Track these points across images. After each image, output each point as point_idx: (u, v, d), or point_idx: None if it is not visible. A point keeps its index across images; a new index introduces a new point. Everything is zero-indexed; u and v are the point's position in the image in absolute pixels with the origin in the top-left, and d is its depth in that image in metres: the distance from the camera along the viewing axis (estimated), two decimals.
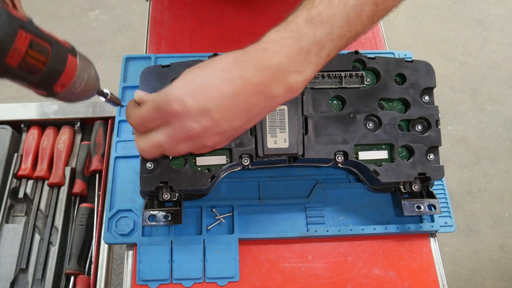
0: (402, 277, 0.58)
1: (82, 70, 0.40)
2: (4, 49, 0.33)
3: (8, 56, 0.34)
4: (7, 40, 0.33)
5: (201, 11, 0.78)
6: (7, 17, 0.33)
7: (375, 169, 0.57)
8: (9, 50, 0.33)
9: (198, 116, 0.43)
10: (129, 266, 0.58)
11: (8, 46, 0.33)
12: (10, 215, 0.73)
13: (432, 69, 0.60)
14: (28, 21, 0.36)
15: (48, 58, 0.37)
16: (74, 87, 0.40)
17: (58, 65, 0.38)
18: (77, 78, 0.40)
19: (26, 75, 0.36)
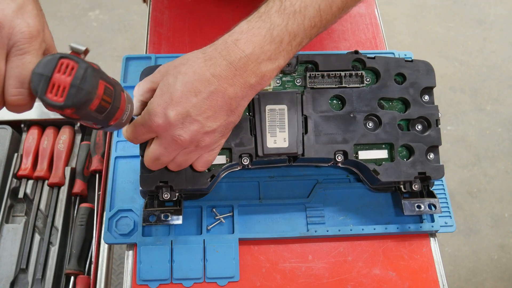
0: (402, 277, 0.58)
1: (128, 103, 0.44)
2: (89, 98, 0.37)
3: (91, 104, 0.38)
4: (91, 90, 0.37)
5: (201, 11, 0.78)
6: (90, 69, 0.37)
7: (375, 168, 0.57)
8: (93, 99, 0.38)
9: (183, 124, 0.45)
10: (129, 266, 0.58)
11: (92, 95, 0.37)
12: (10, 215, 0.73)
13: (432, 69, 0.60)
14: (101, 70, 0.40)
15: (113, 98, 0.41)
16: (122, 119, 0.44)
17: (117, 103, 0.42)
18: (126, 111, 0.44)
19: (97, 116, 0.40)
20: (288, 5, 0.46)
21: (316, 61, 0.58)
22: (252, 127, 0.55)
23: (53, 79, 0.36)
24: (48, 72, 0.36)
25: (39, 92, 0.36)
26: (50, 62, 0.37)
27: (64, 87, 0.36)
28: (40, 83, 0.36)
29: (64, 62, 0.37)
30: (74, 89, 0.36)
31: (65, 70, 0.36)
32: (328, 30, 0.77)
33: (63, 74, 0.36)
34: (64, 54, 0.37)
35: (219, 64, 0.45)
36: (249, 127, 0.55)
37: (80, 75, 0.36)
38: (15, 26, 0.37)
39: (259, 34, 0.45)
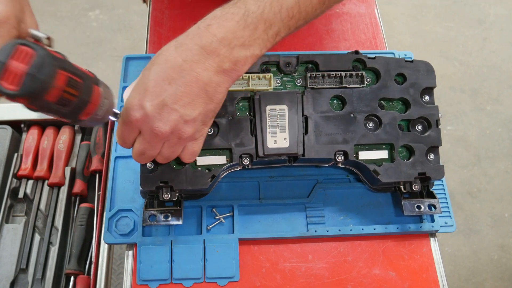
0: (402, 277, 0.58)
1: (104, 98, 0.43)
2: (44, 88, 0.35)
3: (47, 94, 0.36)
4: (47, 80, 0.35)
5: (201, 11, 0.77)
6: (48, 58, 0.35)
7: (375, 169, 0.57)
8: (49, 88, 0.36)
9: (160, 114, 0.44)
10: (129, 266, 0.58)
11: (48, 85, 0.36)
12: (10, 215, 0.73)
13: (432, 69, 0.60)
14: (65, 59, 0.38)
15: (80, 91, 0.39)
16: (96, 114, 0.42)
17: (86, 96, 0.40)
18: (100, 105, 0.42)
19: (60, 108, 0.38)
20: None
21: (317, 61, 0.58)
22: (252, 127, 0.55)
23: (8, 65, 0.34)
24: (3, 59, 0.35)
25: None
26: (6, 48, 0.35)
27: (19, 75, 0.34)
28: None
29: (22, 49, 0.35)
30: (29, 78, 0.34)
31: (22, 57, 0.35)
32: (328, 30, 0.77)
33: (19, 62, 0.35)
34: (23, 41, 0.36)
35: (190, 49, 0.44)
36: (250, 127, 0.55)
37: (37, 64, 0.35)
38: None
39: (232, 19, 0.44)
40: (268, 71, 0.59)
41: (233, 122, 0.56)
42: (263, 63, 0.59)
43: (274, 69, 0.60)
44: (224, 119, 0.56)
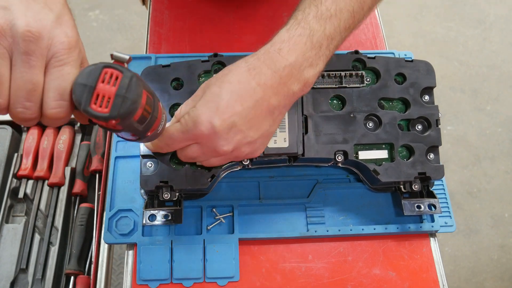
0: (402, 277, 0.58)
1: (163, 114, 0.44)
2: (134, 108, 0.36)
3: (136, 113, 0.36)
4: (137, 99, 0.36)
5: (201, 11, 0.78)
6: (134, 78, 0.36)
7: (375, 168, 0.57)
8: (137, 108, 0.36)
9: (227, 134, 0.46)
10: (129, 266, 0.58)
11: (137, 105, 0.36)
12: (10, 215, 0.73)
13: (432, 69, 0.60)
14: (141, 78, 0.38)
15: (153, 108, 0.40)
16: (158, 129, 0.43)
17: (156, 113, 0.41)
18: (161, 121, 0.43)
19: (138, 126, 0.39)
20: (324, 10, 0.47)
21: None
22: None
23: (97, 89, 0.35)
24: (92, 82, 0.35)
25: (83, 103, 0.35)
26: (93, 72, 0.35)
27: (109, 97, 0.35)
28: (84, 94, 0.35)
29: (108, 71, 0.35)
30: (120, 99, 0.35)
31: (109, 80, 0.35)
32: None
33: (107, 84, 0.35)
34: (107, 63, 0.36)
35: (264, 73, 0.45)
36: None
37: (125, 85, 0.35)
38: (54, 37, 0.36)
39: (300, 41, 0.46)
40: None
41: None
42: None
43: None
44: None
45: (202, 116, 0.45)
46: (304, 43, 0.46)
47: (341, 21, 0.47)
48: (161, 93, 0.56)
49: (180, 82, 0.58)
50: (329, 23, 0.47)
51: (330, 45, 0.47)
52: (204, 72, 0.58)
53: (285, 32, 0.47)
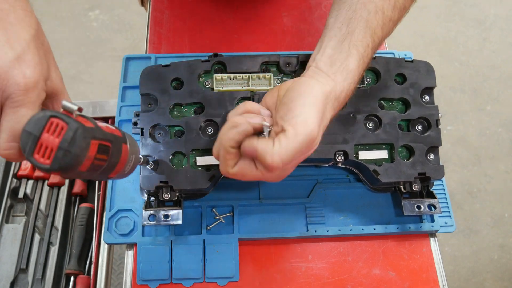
0: (402, 277, 0.58)
1: (131, 154, 0.43)
2: (77, 161, 0.35)
3: (80, 166, 0.36)
4: (80, 153, 0.35)
5: (201, 11, 0.78)
6: (80, 130, 0.35)
7: (375, 169, 0.57)
8: (81, 161, 0.35)
9: (292, 167, 0.47)
10: (129, 266, 0.58)
11: (80, 158, 0.35)
12: (10, 215, 0.73)
13: (432, 69, 0.60)
14: (95, 127, 0.37)
15: (109, 155, 0.39)
16: (124, 171, 0.43)
17: (116, 158, 0.40)
18: (128, 162, 0.42)
19: (91, 174, 0.38)
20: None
21: None
22: None
23: (41, 139, 0.34)
24: (37, 132, 0.34)
25: (26, 152, 0.34)
26: (39, 121, 0.34)
27: (51, 148, 0.34)
28: (28, 143, 0.34)
29: (54, 121, 0.34)
30: (61, 152, 0.34)
31: (54, 130, 0.34)
32: None
33: (52, 135, 0.34)
34: (55, 112, 0.35)
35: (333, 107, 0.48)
36: None
37: (69, 137, 0.34)
38: (10, 78, 0.35)
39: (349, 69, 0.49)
40: (268, 71, 0.59)
41: None
42: (263, 63, 0.59)
43: (274, 69, 0.60)
44: (224, 119, 0.56)
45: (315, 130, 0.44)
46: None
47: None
48: (161, 93, 0.56)
49: (180, 82, 0.58)
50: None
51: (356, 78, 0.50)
52: (204, 72, 0.58)
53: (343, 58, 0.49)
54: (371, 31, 0.49)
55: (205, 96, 0.57)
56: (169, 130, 0.57)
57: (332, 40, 0.49)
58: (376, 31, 0.50)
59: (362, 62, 0.49)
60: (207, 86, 0.58)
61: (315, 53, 0.50)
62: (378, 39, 0.51)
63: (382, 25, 0.50)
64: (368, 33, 0.49)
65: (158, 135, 0.56)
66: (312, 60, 0.50)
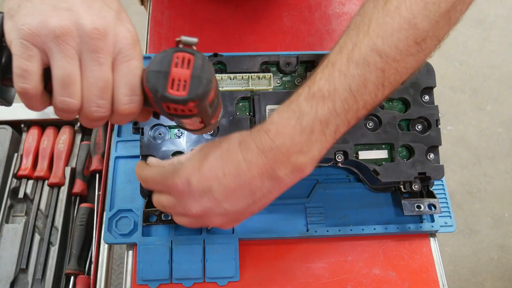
0: (402, 277, 0.58)
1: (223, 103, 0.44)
2: (210, 87, 0.36)
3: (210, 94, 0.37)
4: (211, 79, 0.36)
5: (201, 11, 0.78)
6: (205, 59, 0.36)
7: (375, 168, 0.57)
8: (212, 88, 0.36)
9: (200, 196, 0.44)
10: (129, 266, 0.58)
11: (211, 84, 0.36)
12: (10, 215, 0.73)
13: (432, 69, 0.60)
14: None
15: (218, 91, 0.39)
16: (219, 117, 0.43)
17: (219, 97, 0.40)
18: (221, 107, 0.43)
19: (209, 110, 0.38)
20: (317, 90, 0.43)
21: (316, 61, 0.58)
22: (252, 127, 0.55)
23: (172, 73, 0.35)
24: (166, 68, 0.35)
25: (160, 89, 0.35)
26: (165, 58, 0.35)
27: (184, 80, 0.35)
28: (159, 80, 0.35)
29: (180, 55, 0.36)
30: (197, 80, 0.35)
31: (182, 63, 0.35)
32: (328, 30, 0.77)
33: (181, 68, 0.35)
34: (176, 48, 0.36)
35: (251, 150, 0.43)
36: (250, 127, 0.55)
37: (200, 66, 0.35)
38: (118, 33, 0.36)
39: (289, 124, 0.42)
40: (268, 71, 0.60)
41: (233, 122, 0.56)
42: (263, 63, 0.59)
43: (274, 69, 0.60)
44: (224, 119, 0.56)
45: (183, 170, 0.44)
46: (293, 127, 0.42)
47: (336, 102, 0.42)
48: None
49: None
50: (321, 105, 0.42)
51: (325, 130, 0.43)
52: None
53: (276, 114, 0.44)
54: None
55: None
56: (169, 130, 0.57)
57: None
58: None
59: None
60: None
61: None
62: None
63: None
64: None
65: (158, 135, 0.56)
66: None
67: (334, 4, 0.80)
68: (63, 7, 0.35)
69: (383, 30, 0.42)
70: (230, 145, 0.44)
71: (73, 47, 0.34)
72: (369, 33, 0.43)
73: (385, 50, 0.42)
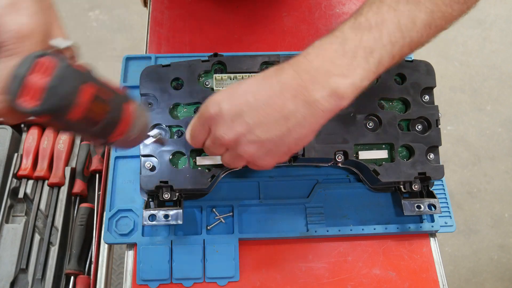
0: (402, 277, 0.58)
1: (137, 118, 0.40)
2: (68, 102, 0.32)
3: (72, 110, 0.33)
4: (70, 93, 0.32)
5: (201, 11, 0.78)
6: (70, 70, 0.32)
7: (375, 168, 0.56)
8: (71, 106, 0.33)
9: (232, 121, 0.43)
10: (129, 266, 0.58)
11: (70, 102, 0.32)
12: (10, 215, 0.73)
13: (432, 69, 0.60)
14: (90, 72, 0.35)
15: (108, 109, 0.36)
16: (129, 135, 0.40)
17: (116, 114, 0.37)
18: (133, 125, 0.39)
19: (87, 127, 0.35)
20: (363, 20, 0.42)
21: None
22: None
23: (27, 80, 0.31)
24: (22, 73, 0.31)
25: (11, 95, 0.31)
26: (25, 62, 0.32)
27: (39, 89, 0.31)
28: (13, 85, 0.31)
29: (42, 61, 0.32)
30: (50, 92, 0.31)
31: (42, 70, 0.32)
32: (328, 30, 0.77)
33: (39, 75, 0.31)
34: (43, 52, 0.33)
35: (286, 71, 0.42)
36: None
37: (59, 76, 0.32)
38: (3, 24, 0.33)
39: (330, 48, 0.42)
40: None
41: None
42: (263, 63, 0.59)
43: None
44: None
45: (214, 98, 0.44)
46: (334, 50, 0.41)
47: (383, 33, 0.42)
48: (161, 93, 0.56)
49: (180, 82, 0.58)
50: (367, 33, 0.42)
51: (369, 57, 0.42)
52: (204, 72, 0.58)
53: (317, 41, 0.43)
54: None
55: (205, 96, 0.57)
56: (169, 130, 0.57)
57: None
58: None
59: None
60: (207, 86, 0.58)
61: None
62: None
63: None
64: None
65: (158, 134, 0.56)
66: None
67: (334, 4, 0.80)
68: None
69: None
70: (266, 72, 0.44)
71: None
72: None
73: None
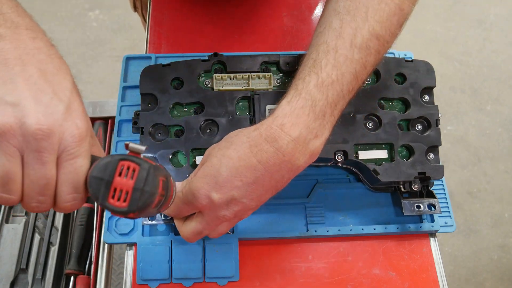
0: (402, 277, 0.58)
1: (174, 186, 0.43)
2: (152, 199, 0.36)
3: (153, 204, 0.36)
4: (156, 191, 0.36)
5: (201, 11, 0.78)
6: (151, 170, 0.35)
7: (375, 168, 0.57)
8: (155, 198, 0.36)
9: (227, 205, 0.45)
10: (129, 266, 0.58)
11: (155, 197, 0.36)
12: (10, 215, 0.73)
13: (432, 69, 0.60)
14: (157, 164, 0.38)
15: (166, 190, 0.39)
16: (169, 205, 0.43)
17: (169, 192, 0.40)
18: (173, 197, 0.42)
19: (155, 211, 0.39)
20: (325, 77, 0.45)
21: None
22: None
23: (114, 183, 0.35)
24: (109, 176, 0.35)
25: (100, 198, 0.35)
26: (110, 165, 0.35)
27: (126, 191, 0.35)
28: (101, 188, 0.35)
29: (125, 164, 0.35)
30: (138, 193, 0.35)
31: (126, 173, 0.35)
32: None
33: (125, 177, 0.35)
34: (123, 155, 0.36)
35: (265, 151, 0.43)
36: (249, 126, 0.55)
37: (143, 178, 0.35)
38: (65, 131, 0.35)
39: (303, 114, 0.44)
40: (268, 70, 0.60)
41: (233, 122, 0.56)
42: (263, 62, 0.59)
43: (274, 68, 0.60)
44: (224, 118, 0.56)
45: (201, 190, 0.44)
46: (307, 115, 0.44)
47: (343, 85, 0.45)
48: (161, 93, 0.57)
49: (180, 81, 0.58)
50: (331, 90, 0.45)
51: (334, 111, 0.46)
52: (204, 72, 0.58)
53: (286, 105, 0.45)
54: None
55: (205, 96, 0.57)
56: (169, 129, 0.57)
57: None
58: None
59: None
60: (207, 85, 0.58)
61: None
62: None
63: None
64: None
65: (158, 134, 0.56)
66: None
67: None
68: (9, 101, 0.34)
69: (380, 15, 0.47)
70: (239, 151, 0.44)
71: (14, 145, 0.34)
72: (368, 19, 0.47)
73: (381, 34, 0.47)
